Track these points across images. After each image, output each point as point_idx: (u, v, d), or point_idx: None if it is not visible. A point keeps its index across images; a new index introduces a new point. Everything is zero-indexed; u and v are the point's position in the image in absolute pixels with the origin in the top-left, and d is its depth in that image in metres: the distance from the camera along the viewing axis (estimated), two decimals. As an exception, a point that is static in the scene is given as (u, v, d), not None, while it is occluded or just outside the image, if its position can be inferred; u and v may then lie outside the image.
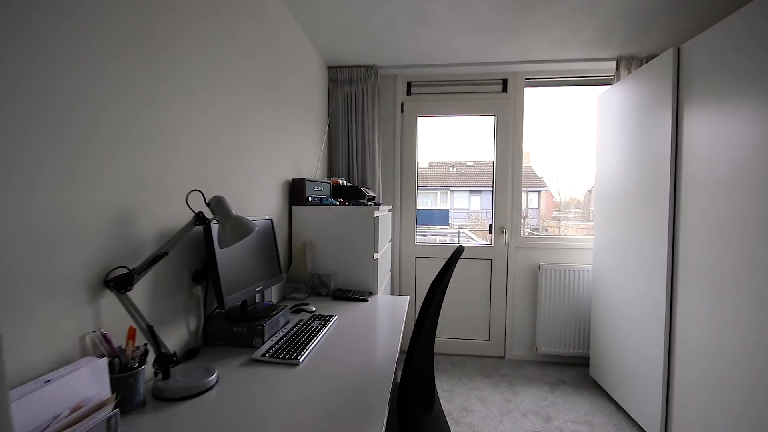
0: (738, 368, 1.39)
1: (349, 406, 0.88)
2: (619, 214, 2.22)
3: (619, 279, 2.21)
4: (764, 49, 1.30)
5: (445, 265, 0.91)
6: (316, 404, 0.89)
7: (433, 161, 12.29)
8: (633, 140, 2.08)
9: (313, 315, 1.51)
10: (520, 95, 2.83)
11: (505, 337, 2.93)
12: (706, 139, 1.56)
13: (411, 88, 2.95)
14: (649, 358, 1.90)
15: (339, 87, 2.79)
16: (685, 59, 1.70)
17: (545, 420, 2.12)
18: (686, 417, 1.67)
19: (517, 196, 2.89)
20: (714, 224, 1.52)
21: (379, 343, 1.27)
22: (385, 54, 2.58)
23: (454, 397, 2.36)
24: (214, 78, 1.31)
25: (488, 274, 2.94)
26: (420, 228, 3.10)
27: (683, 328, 1.70)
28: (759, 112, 1.31)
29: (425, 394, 1.10)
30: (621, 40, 2.30)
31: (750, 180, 1.35)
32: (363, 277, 1.95)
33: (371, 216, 1.92)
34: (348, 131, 2.80)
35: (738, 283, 1.40)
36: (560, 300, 2.80)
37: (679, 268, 1.73)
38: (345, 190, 2.28)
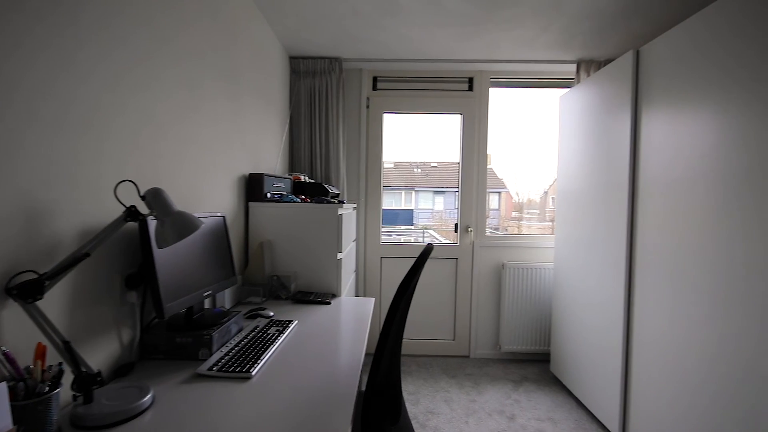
0: (692, 363, 1.43)
1: (309, 425, 0.78)
2: (579, 213, 2.26)
3: (579, 277, 2.26)
4: (719, 52, 1.34)
5: (414, 264, 0.84)
6: (270, 423, 0.78)
7: (399, 161, 12.37)
8: (592, 141, 2.12)
9: (270, 321, 1.39)
10: (486, 94, 2.84)
11: (470, 337, 2.93)
12: (664, 140, 1.61)
13: (377, 83, 2.87)
14: (608, 354, 1.94)
15: (302, 79, 2.66)
16: (643, 62, 1.75)
17: (509, 419, 2.12)
18: (643, 411, 1.71)
19: (482, 195, 2.89)
20: (671, 223, 1.56)
21: (342, 350, 1.18)
22: (351, 46, 2.49)
23: (420, 399, 2.31)
24: (157, 55, 1.15)
25: (454, 273, 2.93)
26: (385, 228, 3.03)
27: (640, 324, 1.74)
28: (715, 114, 1.35)
29: (393, 403, 1.02)
30: (582, 43, 2.36)
31: (706, 180, 1.39)
32: (326, 278, 1.85)
33: (335, 214, 1.82)
34: (311, 126, 2.67)
35: (693, 281, 1.44)
36: (523, 298, 2.83)
37: (637, 266, 1.77)
38: (307, 187, 2.16)
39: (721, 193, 1.32)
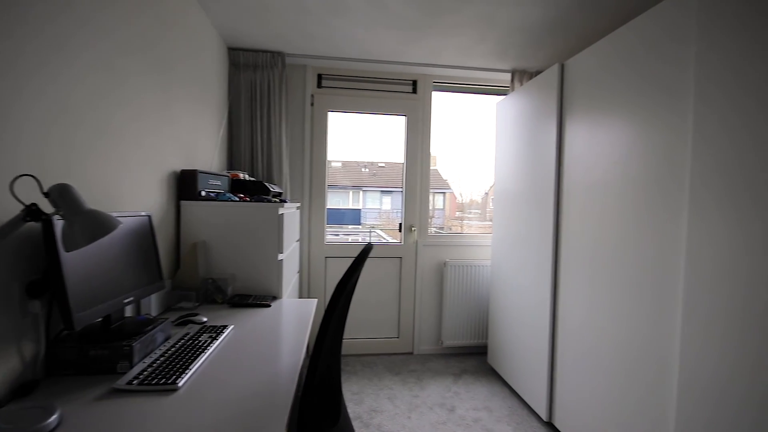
0: (606, 349, 1.59)
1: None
2: (513, 213, 2.41)
3: (513, 273, 2.41)
4: (630, 68, 1.50)
5: (352, 263, 0.84)
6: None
7: (346, 161, 12.25)
8: (525, 146, 2.27)
9: (202, 327, 1.31)
10: (429, 97, 2.92)
11: (413, 333, 2.99)
12: (584, 147, 1.77)
13: (322, 80, 2.83)
14: (537, 344, 2.10)
15: (241, 72, 2.54)
16: (567, 75, 1.91)
17: (449, 411, 2.20)
18: (567, 394, 1.87)
19: (425, 195, 2.97)
20: (588, 223, 1.72)
21: (281, 353, 1.14)
22: (295, 41, 2.42)
23: (363, 398, 2.32)
24: (73, 37, 1.03)
25: (398, 272, 2.97)
26: (332, 228, 3.00)
27: (564, 315, 1.90)
28: (627, 124, 1.52)
29: (331, 406, 1.01)
30: (515, 54, 2.51)
31: (619, 184, 1.55)
32: (266, 280, 1.78)
33: (275, 213, 1.77)
34: (252, 121, 2.56)
35: (606, 275, 1.60)
36: (463, 294, 2.96)
37: (561, 262, 1.93)
38: (247, 185, 2.07)
39: (631, 196, 1.48)
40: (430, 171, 2.98)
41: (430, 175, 2.98)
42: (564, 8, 1.95)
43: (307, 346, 1.25)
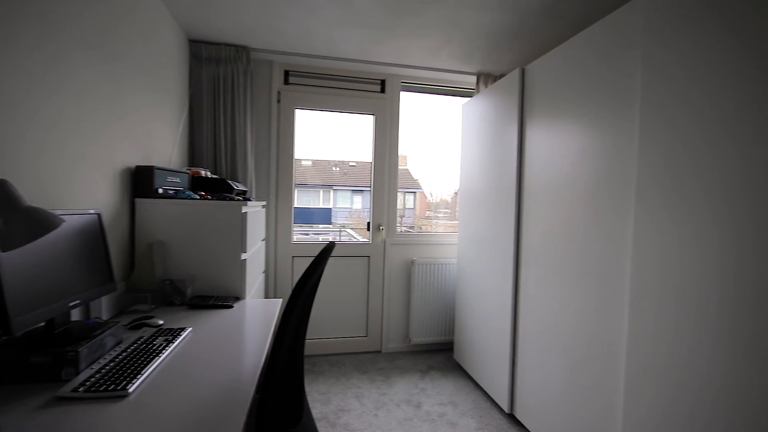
0: (560, 339, 1.67)
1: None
2: (478, 212, 2.48)
3: (478, 270, 2.47)
4: (584, 74, 1.58)
5: (312, 263, 0.83)
6: (146, 445, 0.71)
7: (316, 159, 12.11)
8: (489, 147, 2.34)
9: (158, 330, 1.26)
10: (397, 97, 2.94)
11: (381, 332, 3.01)
12: (543, 148, 1.84)
13: (289, 77, 2.78)
14: (500, 339, 2.17)
15: (204, 65, 2.45)
16: (528, 79, 1.98)
17: (416, 407, 2.24)
18: (527, 386, 1.95)
19: (393, 194, 2.99)
20: (545, 221, 1.80)
21: (241, 356, 1.12)
22: (260, 36, 2.37)
23: (331, 398, 2.31)
24: (8, 19, 0.96)
25: (366, 271, 2.98)
26: (302, 227, 2.96)
27: (524, 311, 1.98)
28: (579, 128, 1.59)
29: (292, 406, 1.00)
30: (480, 58, 2.58)
31: (573, 184, 1.63)
32: (228, 280, 1.73)
33: (239, 212, 1.72)
34: (215, 117, 2.48)
35: (560, 270, 1.68)
36: (430, 292, 3.00)
37: (522, 259, 2.01)
38: (208, 183, 2.00)
39: (585, 195, 1.56)
40: (401, 171, 3.01)
41: (398, 175, 3.00)
42: (525, 15, 2.02)
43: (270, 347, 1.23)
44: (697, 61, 1.09)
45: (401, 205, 3.08)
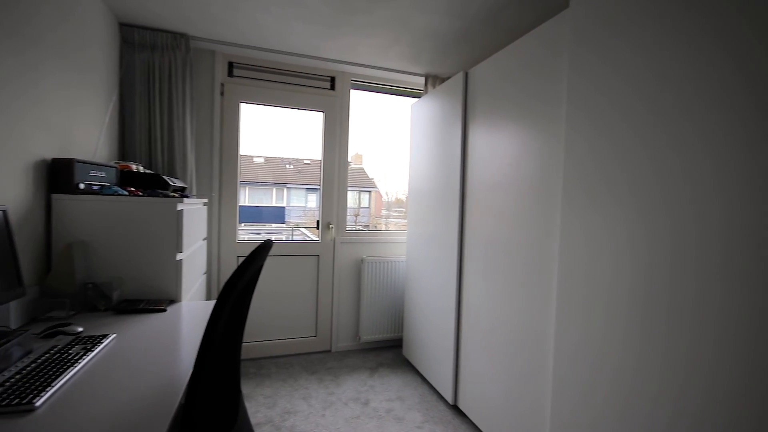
0: (500, 333, 1.76)
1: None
2: (425, 211, 2.54)
3: (425, 268, 2.53)
4: (519, 80, 1.67)
5: (244, 261, 0.80)
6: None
7: (269, 156, 11.72)
8: (435, 147, 2.40)
9: (76, 338, 1.15)
10: (347, 95, 2.93)
11: (331, 331, 2.98)
12: (484, 150, 1.93)
13: (233, 69, 2.67)
14: (445, 333, 2.24)
15: (137, 52, 2.28)
16: (471, 82, 2.06)
17: (364, 404, 2.24)
18: (469, 377, 2.03)
19: (343, 192, 2.98)
20: (486, 219, 1.89)
21: (171, 362, 1.05)
22: (200, 24, 2.24)
23: (277, 401, 2.25)
24: None
25: (316, 269, 2.94)
26: (253, 226, 2.85)
27: (467, 305, 2.06)
28: (516, 131, 1.69)
29: (225, 410, 0.96)
30: (428, 59, 2.64)
31: (510, 184, 1.72)
32: (162, 282, 1.63)
33: (173, 209, 1.62)
34: (150, 108, 2.31)
35: (501, 266, 1.77)
36: (380, 290, 3.03)
37: (465, 256, 2.08)
38: (140, 178, 1.86)
39: (520, 195, 1.65)
40: (357, 170, 3.00)
41: (348, 173, 2.99)
42: (470, 21, 2.10)
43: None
44: (620, 66, 1.19)
45: (356, 204, 3.07)
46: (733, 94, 0.88)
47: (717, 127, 0.91)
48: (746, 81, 0.86)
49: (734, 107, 0.88)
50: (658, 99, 1.05)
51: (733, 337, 0.87)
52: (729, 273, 0.88)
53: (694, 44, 0.97)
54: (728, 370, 0.88)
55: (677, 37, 1.01)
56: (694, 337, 0.95)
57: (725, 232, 0.89)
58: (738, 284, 0.87)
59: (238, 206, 2.75)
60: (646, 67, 1.09)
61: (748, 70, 0.86)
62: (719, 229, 0.91)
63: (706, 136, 0.94)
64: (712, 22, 0.93)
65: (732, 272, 0.88)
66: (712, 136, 0.92)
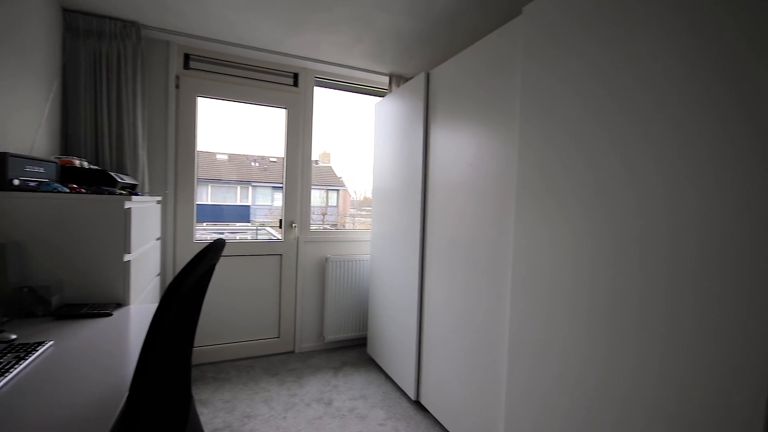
0: (460, 329, 1.81)
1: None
2: (389, 210, 2.55)
3: (389, 266, 2.55)
4: (473, 82, 1.72)
5: (191, 261, 0.77)
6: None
7: (234, 153, 11.27)
8: (399, 147, 2.42)
9: (8, 345, 1.06)
10: (311, 92, 2.89)
11: (294, 332, 2.94)
12: (444, 150, 1.97)
13: (190, 61, 2.56)
14: (408, 330, 2.26)
15: (82, 39, 2.13)
16: (432, 83, 2.09)
17: (327, 404, 2.23)
18: (429, 372, 2.06)
19: (307, 191, 2.94)
20: (445, 217, 1.93)
21: (115, 368, 1.00)
22: (152, 12, 2.13)
23: (236, 405, 2.19)
24: None
25: (278, 269, 2.88)
26: (216, 225, 2.74)
27: (429, 302, 2.09)
28: (474, 131, 1.73)
29: (171, 416, 0.92)
30: (392, 59, 2.66)
31: (468, 184, 1.76)
32: (108, 285, 1.54)
33: (121, 207, 1.53)
34: (96, 100, 2.17)
35: (461, 263, 1.82)
36: (345, 288, 3.02)
37: (427, 254, 2.12)
38: (85, 174, 1.74)
39: (479, 194, 1.70)
40: (325, 168, 2.98)
41: (313, 171, 2.95)
42: (431, 23, 2.14)
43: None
44: (569, 68, 1.25)
45: (323, 202, 3.03)
46: (678, 91, 0.96)
47: (662, 126, 0.99)
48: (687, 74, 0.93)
49: (673, 104, 0.95)
50: (603, 104, 1.12)
51: (674, 330, 0.95)
52: (673, 268, 0.96)
53: (632, 46, 1.04)
54: (674, 362, 0.95)
55: (614, 46, 1.07)
56: (640, 326, 1.02)
57: (653, 226, 0.97)
58: (670, 277, 0.94)
59: (196, 205, 2.64)
60: (590, 76, 1.15)
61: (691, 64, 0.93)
62: (659, 225, 0.98)
63: (647, 134, 1.01)
64: (654, 21, 1.00)
65: (674, 267, 0.95)
66: (655, 131, 0.99)
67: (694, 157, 0.89)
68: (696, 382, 0.88)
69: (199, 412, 2.10)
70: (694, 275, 0.89)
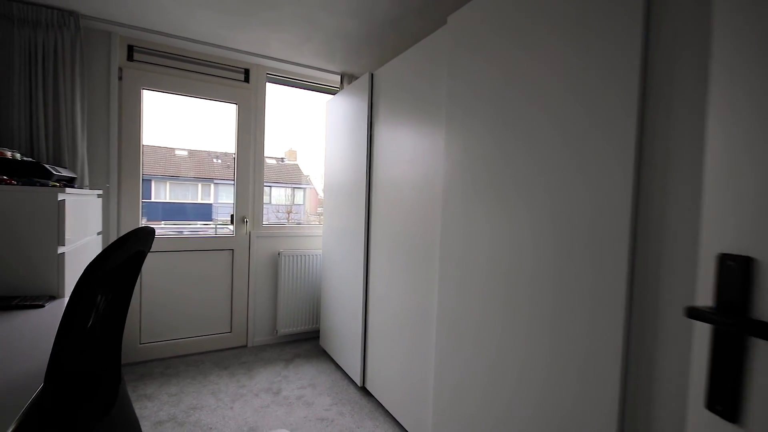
0: (399, 316, 1.93)
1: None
2: (339, 205, 2.64)
3: (339, 259, 2.64)
4: (407, 83, 1.83)
5: (109, 246, 0.82)
6: None
7: (194, 149, 10.90)
8: (347, 144, 2.51)
9: (-76, 337, 1.06)
10: (262, 88, 2.91)
11: (247, 326, 2.96)
12: (386, 148, 2.07)
13: (134, 53, 2.51)
14: (354, 320, 2.36)
15: (17, 27, 2.06)
16: (376, 83, 2.20)
17: (275, 394, 2.29)
18: (374, 362, 2.18)
19: (259, 186, 2.96)
20: (388, 213, 2.04)
21: (39, 357, 1.02)
22: (93, 3, 2.09)
23: (182, 398, 2.20)
24: None
25: (230, 264, 2.89)
26: (176, 224, 2.70)
27: (373, 293, 2.20)
28: (411, 131, 1.85)
29: (97, 399, 0.97)
30: (342, 58, 2.74)
31: (408, 181, 1.88)
32: (40, 277, 1.52)
33: (54, 199, 1.52)
34: (31, 90, 2.11)
35: (399, 255, 1.93)
36: (298, 283, 3.07)
37: (371, 247, 2.23)
38: (16, 166, 1.70)
39: (415, 191, 1.82)
40: (291, 165, 3.02)
41: (263, 166, 2.98)
42: (374, 25, 2.23)
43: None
44: (486, 73, 1.39)
45: (289, 200, 3.06)
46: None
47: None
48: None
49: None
50: (513, 108, 1.26)
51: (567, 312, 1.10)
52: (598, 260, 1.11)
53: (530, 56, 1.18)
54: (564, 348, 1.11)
55: (518, 50, 1.22)
56: (551, 312, 1.17)
57: (545, 219, 1.12)
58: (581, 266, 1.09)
59: (153, 203, 2.60)
60: (506, 81, 1.29)
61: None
62: (545, 216, 1.13)
63: (565, 130, 1.15)
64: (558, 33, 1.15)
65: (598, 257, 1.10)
66: (572, 127, 1.14)
67: (578, 151, 1.05)
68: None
69: (144, 406, 2.10)
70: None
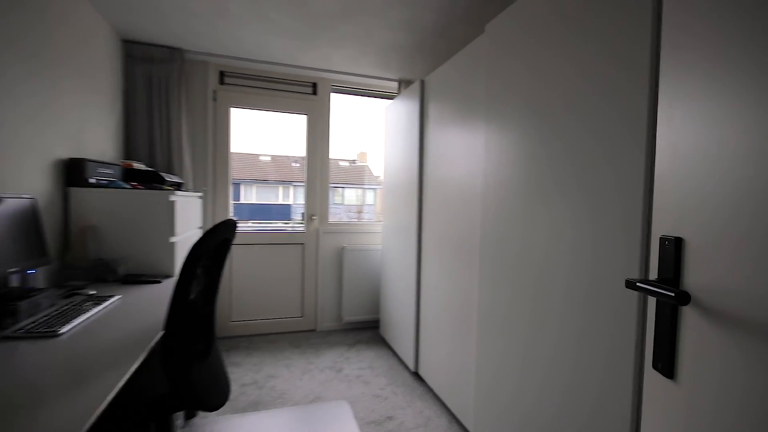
0: (446, 307, 2.07)
1: (90, 373, 1.00)
2: (397, 204, 2.84)
3: (395, 255, 2.84)
4: (453, 88, 1.96)
5: (204, 233, 1.12)
6: (65, 375, 0.97)
7: (276, 155, 11.89)
8: (403, 146, 2.70)
9: (89, 297, 1.49)
10: (327, 98, 3.24)
11: (316, 312, 3.31)
12: (436, 149, 2.22)
13: (224, 77, 2.99)
14: (409, 311, 2.55)
15: (139, 64, 2.62)
16: (427, 89, 2.35)
17: (337, 371, 2.57)
18: (426, 350, 2.34)
19: (325, 187, 3.29)
20: (437, 211, 2.19)
21: (159, 314, 1.38)
22: (192, 40, 2.57)
23: (262, 368, 2.59)
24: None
25: (301, 257, 3.26)
26: (260, 223, 3.15)
27: (425, 287, 2.36)
28: (455, 133, 1.98)
29: (199, 345, 1.29)
30: (397, 67, 2.94)
31: (453, 179, 2.01)
32: (159, 260, 1.96)
33: (166, 200, 1.95)
34: (150, 113, 2.65)
35: (447, 250, 2.07)
36: (360, 275, 3.34)
37: (423, 243, 2.39)
38: (141, 174, 2.20)
39: (458, 189, 1.95)
40: (362, 167, 3.30)
41: (329, 169, 3.30)
42: (424, 35, 2.39)
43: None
44: (529, 77, 1.48)
45: (360, 201, 3.36)
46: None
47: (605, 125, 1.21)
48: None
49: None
50: (547, 109, 1.34)
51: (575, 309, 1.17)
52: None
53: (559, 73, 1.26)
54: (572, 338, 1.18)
55: (549, 57, 1.30)
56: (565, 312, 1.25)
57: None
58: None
59: (241, 204, 3.07)
60: (539, 82, 1.38)
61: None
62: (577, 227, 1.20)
63: (597, 132, 1.23)
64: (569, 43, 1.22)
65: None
66: (608, 130, 1.22)
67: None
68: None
69: (232, 371, 2.52)
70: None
